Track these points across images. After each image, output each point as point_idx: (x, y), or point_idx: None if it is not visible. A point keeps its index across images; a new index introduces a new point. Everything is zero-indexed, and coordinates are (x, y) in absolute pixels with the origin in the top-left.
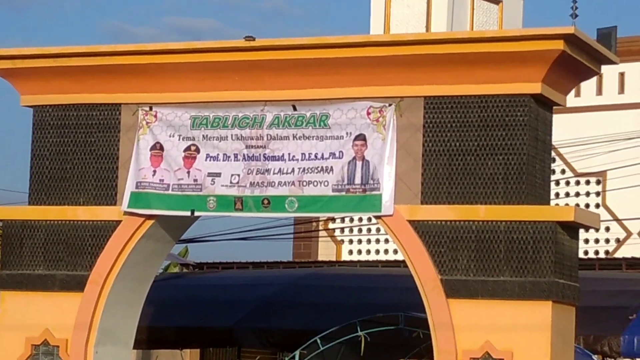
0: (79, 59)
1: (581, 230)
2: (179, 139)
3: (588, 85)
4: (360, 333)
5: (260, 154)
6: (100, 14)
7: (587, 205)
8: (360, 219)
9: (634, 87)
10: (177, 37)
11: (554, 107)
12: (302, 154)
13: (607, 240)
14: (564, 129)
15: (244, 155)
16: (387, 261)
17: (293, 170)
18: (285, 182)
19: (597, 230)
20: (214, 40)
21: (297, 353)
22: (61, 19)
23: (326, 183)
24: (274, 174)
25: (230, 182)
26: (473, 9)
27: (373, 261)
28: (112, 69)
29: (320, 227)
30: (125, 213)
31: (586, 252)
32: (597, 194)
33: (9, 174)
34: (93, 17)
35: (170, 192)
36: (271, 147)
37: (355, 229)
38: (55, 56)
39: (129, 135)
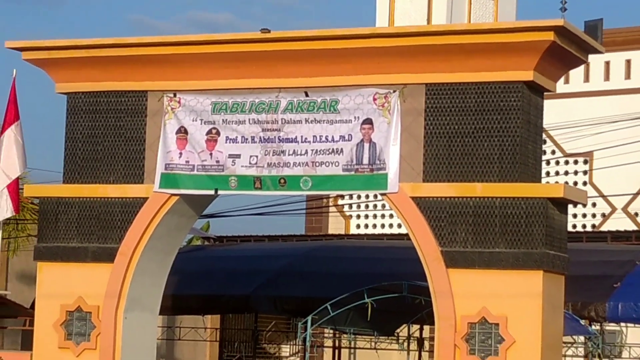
0: (108, 49)
1: (570, 206)
2: (201, 123)
3: (576, 73)
4: (367, 300)
5: (275, 137)
6: (126, 9)
7: (575, 183)
8: (367, 196)
9: (618, 75)
10: (196, 30)
11: (545, 93)
12: (314, 136)
13: (594, 215)
14: (554, 113)
15: (260, 137)
16: (391, 234)
17: (306, 151)
18: (299, 162)
19: (584, 205)
20: (231, 32)
21: (309, 318)
22: (91, 14)
23: (337, 163)
24: (289, 155)
25: (249, 163)
26: (470, 3)
27: (379, 234)
28: (138, 59)
29: (331, 203)
30: (156, 192)
31: (574, 226)
32: (585, 172)
33: (43, 156)
34: (120, 11)
35: (195, 172)
36: (285, 130)
37: (363, 205)
38: (86, 47)
39: (155, 119)
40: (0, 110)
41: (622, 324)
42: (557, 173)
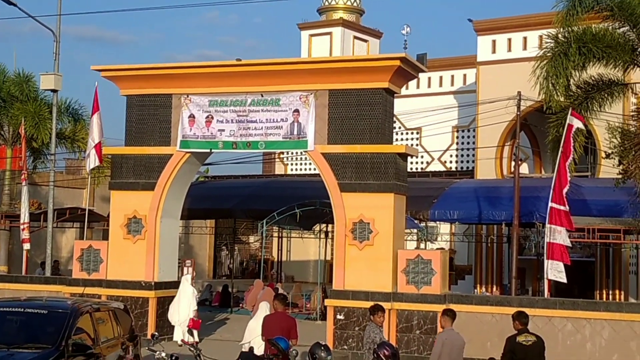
0: (150, 70)
1: (408, 157)
2: (202, 112)
3: (412, 83)
4: (297, 210)
5: (244, 119)
6: (159, 48)
7: (412, 145)
8: (296, 153)
9: (436, 84)
10: (200, 59)
11: (395, 94)
12: (266, 119)
13: (422, 162)
14: (400, 105)
15: (236, 120)
16: (310, 174)
17: (262, 127)
18: (258, 134)
19: (416, 157)
20: (219, 60)
21: (264, 221)
22: (136, 52)
23: (279, 134)
24: (252, 129)
25: (229, 134)
26: (354, 45)
27: (303, 174)
28: (167, 76)
29: (276, 157)
30: (177, 151)
31: (411, 169)
32: (417, 138)
33: (113, 130)
34: (156, 50)
35: (199, 139)
36: (250, 116)
37: (294, 157)
38: (137, 69)
39: (177, 110)
40: (89, 106)
41: (438, 222)
42: (402, 139)
